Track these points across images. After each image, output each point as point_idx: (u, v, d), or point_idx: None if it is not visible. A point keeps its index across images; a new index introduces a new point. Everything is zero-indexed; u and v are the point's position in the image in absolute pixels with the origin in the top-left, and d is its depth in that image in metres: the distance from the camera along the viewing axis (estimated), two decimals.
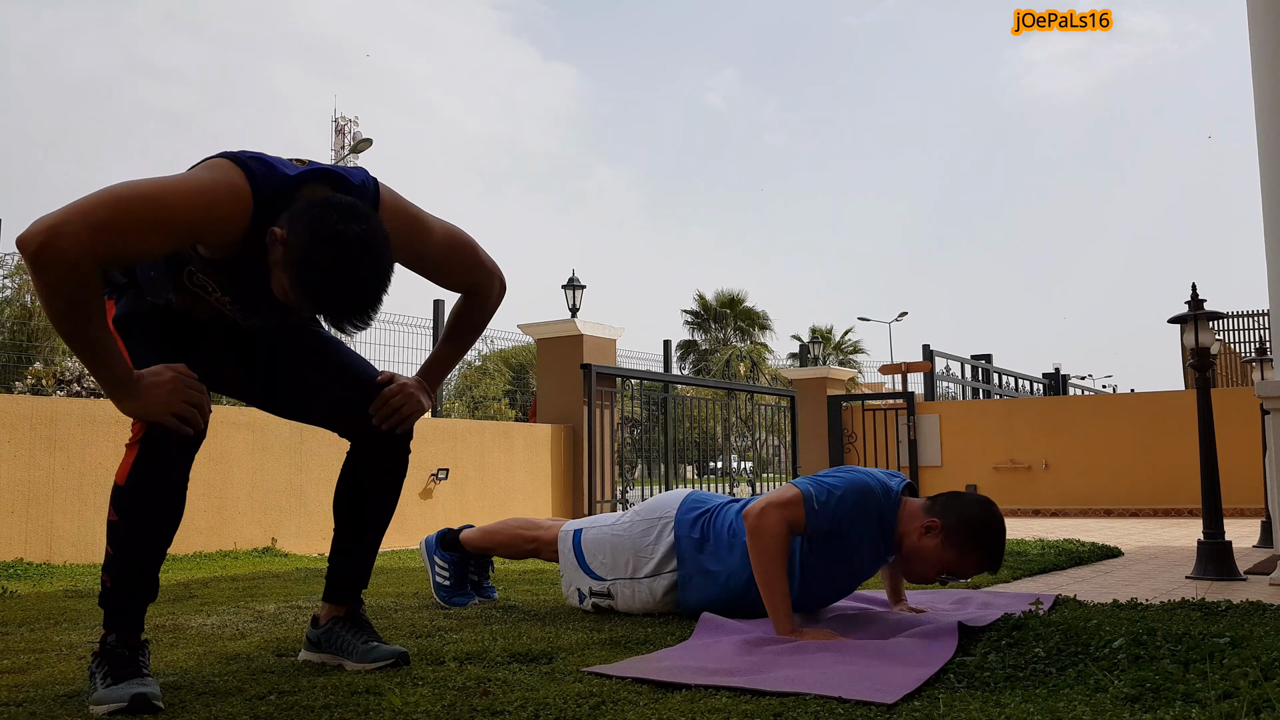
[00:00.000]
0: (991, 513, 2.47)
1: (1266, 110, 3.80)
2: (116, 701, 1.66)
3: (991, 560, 2.45)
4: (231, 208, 1.73)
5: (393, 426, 2.07)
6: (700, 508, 2.72)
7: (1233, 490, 7.32)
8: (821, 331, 30.55)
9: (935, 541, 2.42)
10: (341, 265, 1.68)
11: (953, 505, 2.46)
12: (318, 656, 2.13)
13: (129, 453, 1.81)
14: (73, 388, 8.90)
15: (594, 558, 2.77)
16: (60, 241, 1.57)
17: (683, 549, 2.66)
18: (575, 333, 7.85)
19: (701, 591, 2.65)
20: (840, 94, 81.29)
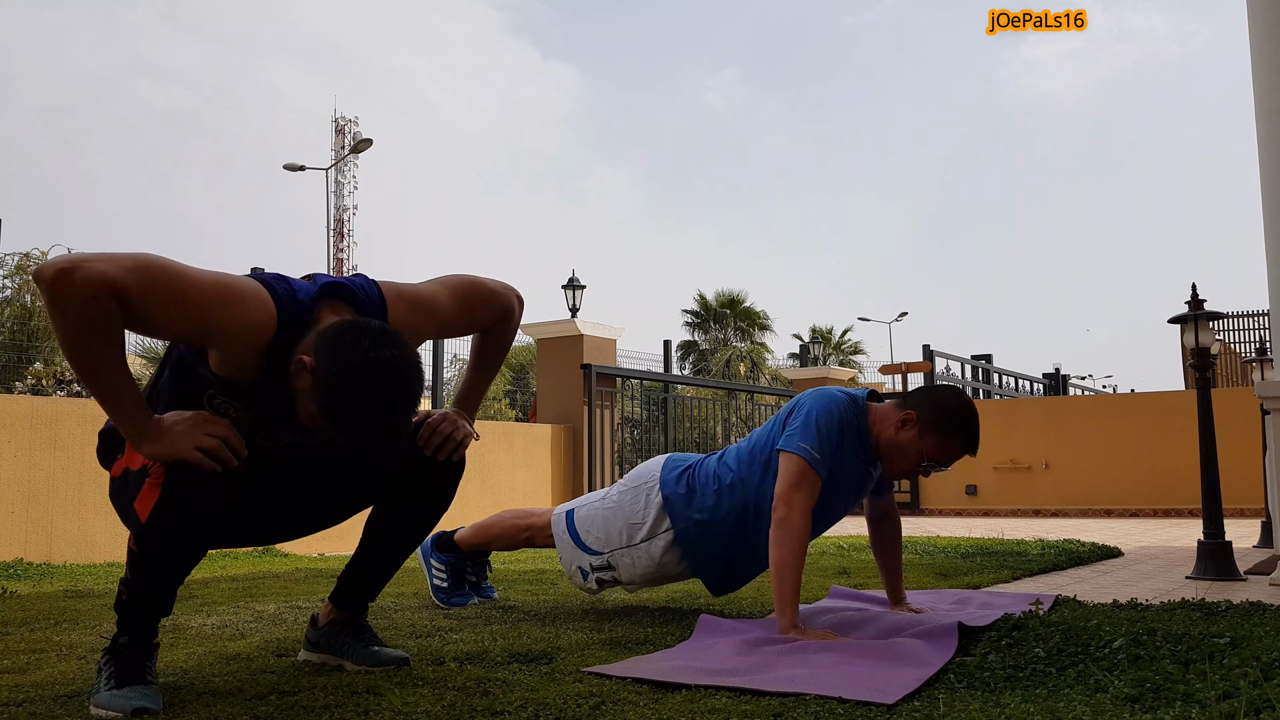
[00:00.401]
0: (962, 397, 2.56)
1: (1266, 110, 3.80)
2: (118, 711, 1.65)
3: (970, 443, 2.52)
4: (256, 315, 1.69)
5: (448, 453, 2.02)
6: (682, 464, 2.77)
7: (1233, 490, 7.32)
8: (821, 331, 30.53)
9: (912, 432, 2.51)
10: (375, 396, 1.66)
11: (924, 396, 2.56)
12: (317, 656, 2.13)
13: (151, 491, 1.74)
14: (73, 388, 8.90)
15: (588, 534, 2.78)
16: (78, 274, 1.54)
17: (673, 506, 2.68)
18: (575, 333, 7.85)
19: (700, 540, 2.66)
20: (840, 94, 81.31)
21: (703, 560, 2.68)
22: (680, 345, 28.13)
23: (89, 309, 1.56)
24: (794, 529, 2.36)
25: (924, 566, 4.10)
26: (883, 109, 79.15)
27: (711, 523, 2.64)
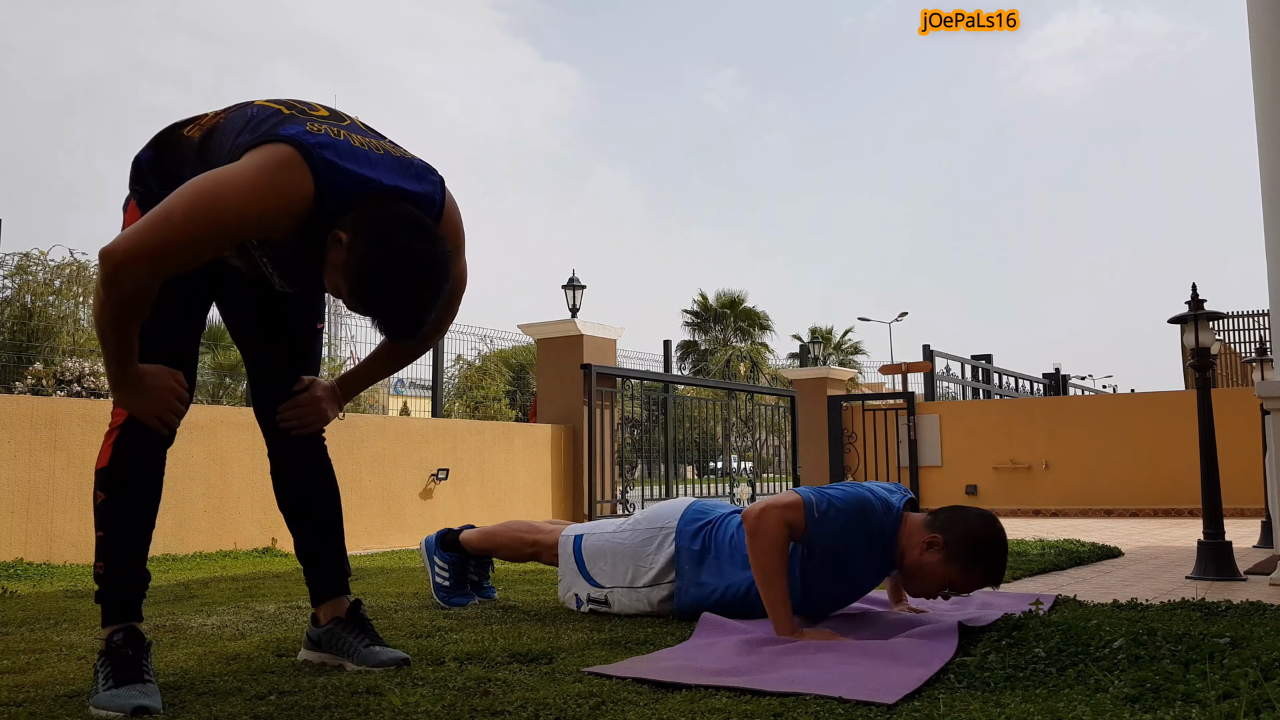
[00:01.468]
0: (993, 527, 2.45)
1: (1266, 110, 3.80)
2: (117, 710, 1.67)
3: (994, 576, 2.44)
4: (285, 210, 1.72)
5: (289, 429, 2.10)
6: (702, 519, 2.71)
7: (1233, 490, 7.32)
8: (821, 331, 30.55)
9: (937, 558, 2.40)
10: (403, 285, 1.71)
11: (954, 521, 2.44)
12: (318, 656, 2.13)
13: (108, 438, 1.92)
14: (73, 388, 8.90)
15: (594, 564, 2.78)
16: (122, 275, 1.65)
17: (682, 561, 2.67)
18: (575, 333, 7.85)
19: (697, 604, 2.65)
20: (840, 94, 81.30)
21: (690, 615, 2.64)
22: (680, 345, 28.14)
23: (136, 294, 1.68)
24: (767, 535, 2.34)
25: None
26: (883, 108, 79.18)
27: (713, 595, 2.62)
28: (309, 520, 2.18)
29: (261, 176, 1.69)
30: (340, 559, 2.20)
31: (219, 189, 1.68)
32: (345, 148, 1.77)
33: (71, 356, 9.73)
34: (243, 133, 1.80)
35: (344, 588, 2.18)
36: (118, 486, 1.93)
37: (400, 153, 1.88)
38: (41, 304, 10.44)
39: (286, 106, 1.86)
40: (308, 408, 2.08)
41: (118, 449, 1.91)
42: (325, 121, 1.82)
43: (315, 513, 2.18)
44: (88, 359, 9.68)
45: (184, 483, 5.33)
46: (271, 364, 2.12)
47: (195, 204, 1.67)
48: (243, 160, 1.72)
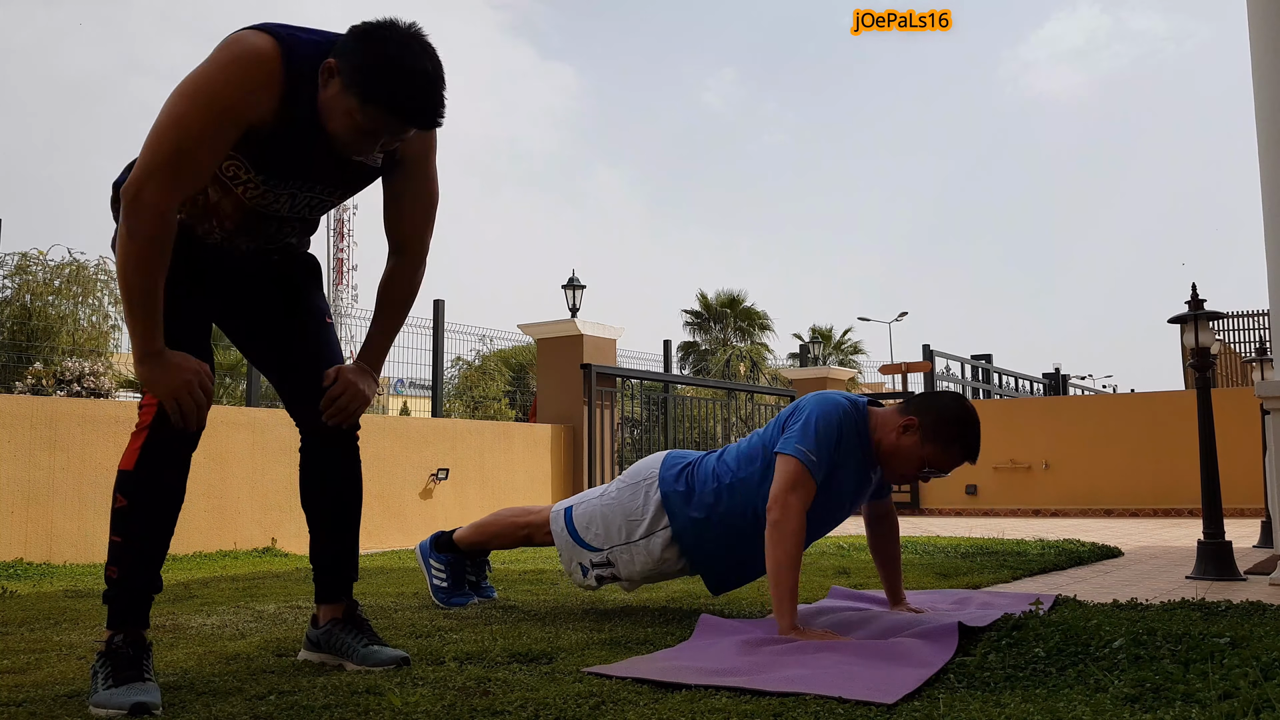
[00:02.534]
0: (965, 405, 2.56)
1: (1266, 110, 3.80)
2: (117, 708, 1.67)
3: (970, 451, 2.53)
4: (258, 75, 1.74)
5: (340, 423, 2.06)
6: (681, 462, 2.77)
7: (1233, 490, 7.32)
8: (821, 331, 30.51)
9: (914, 438, 2.51)
10: (405, 57, 1.73)
11: (927, 402, 2.56)
12: (317, 656, 2.14)
13: (135, 440, 1.89)
14: (73, 388, 8.89)
15: (587, 530, 2.78)
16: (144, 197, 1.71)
17: (671, 504, 2.68)
18: (575, 333, 7.85)
19: (698, 539, 2.67)
20: (840, 94, 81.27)
21: (701, 558, 2.69)
22: (680, 345, 28.13)
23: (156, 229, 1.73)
24: (789, 530, 2.36)
25: (924, 566, 4.10)
26: (883, 108, 79.17)
27: (709, 521, 2.64)
28: (328, 521, 2.16)
29: (226, 54, 1.75)
30: (350, 564, 2.19)
31: (196, 82, 1.74)
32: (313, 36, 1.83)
33: (71, 356, 9.72)
34: None
35: (348, 592, 2.17)
36: (141, 492, 1.88)
37: None
38: (41, 304, 10.44)
39: None
40: (345, 395, 2.05)
41: (145, 453, 1.88)
42: None
43: (336, 515, 2.16)
44: (87, 359, 9.67)
45: None
46: (296, 371, 2.12)
47: (181, 102, 1.72)
48: (206, 58, 1.77)
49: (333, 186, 1.98)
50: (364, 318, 9.07)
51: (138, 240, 1.73)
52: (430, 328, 8.63)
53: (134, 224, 1.72)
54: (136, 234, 1.73)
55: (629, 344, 15.17)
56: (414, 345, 8.79)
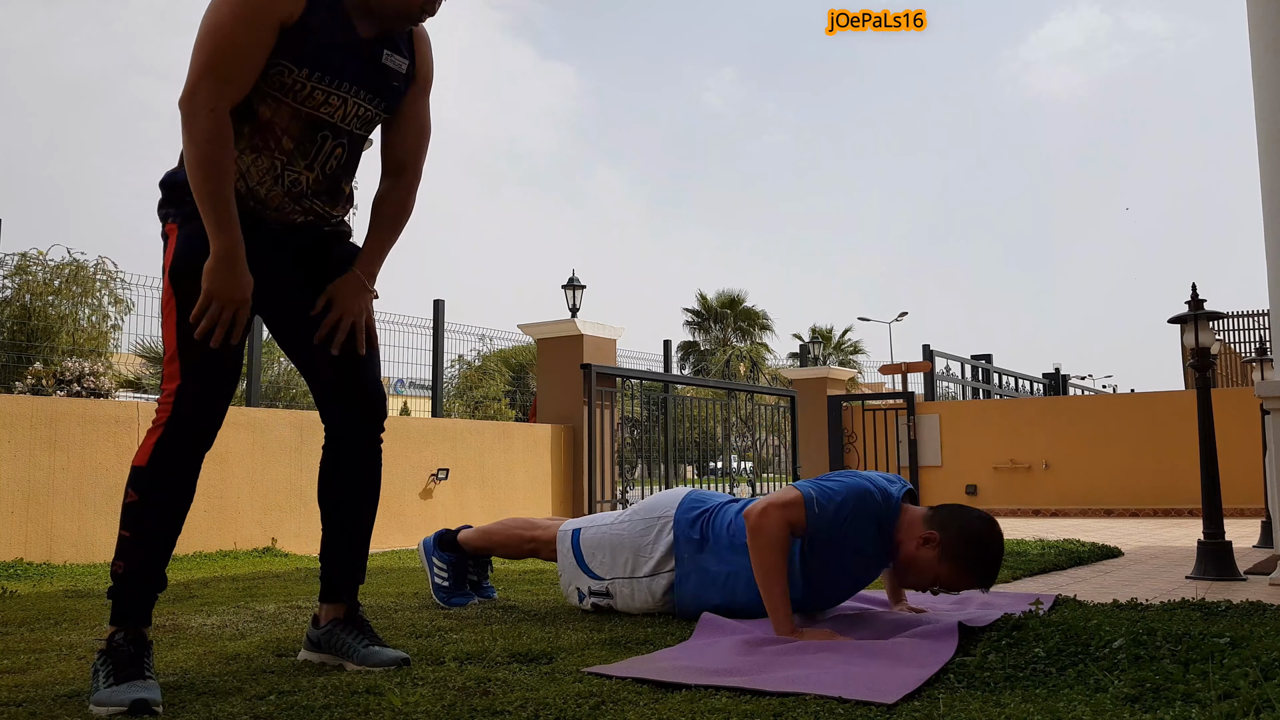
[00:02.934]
0: (992, 531, 2.45)
1: (1266, 110, 3.80)
2: (117, 705, 1.68)
3: (985, 580, 2.46)
4: None
5: (341, 344, 2.06)
6: (700, 507, 2.72)
7: (1233, 490, 7.32)
8: (821, 331, 30.54)
9: (932, 554, 2.42)
10: None
11: (953, 519, 2.45)
12: (317, 656, 2.14)
13: (150, 436, 1.93)
14: (73, 388, 8.90)
15: (593, 557, 2.77)
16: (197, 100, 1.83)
17: (681, 549, 2.66)
18: (575, 333, 7.85)
19: (698, 592, 2.65)
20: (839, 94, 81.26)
21: (695, 607, 2.64)
22: (680, 345, 28.14)
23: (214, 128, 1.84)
24: (768, 535, 2.34)
25: None
26: (882, 108, 79.16)
27: (714, 583, 2.62)
28: (342, 520, 2.17)
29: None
30: (358, 565, 2.19)
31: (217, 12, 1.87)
32: None
33: (71, 356, 9.72)
34: None
35: (352, 594, 2.17)
36: (153, 488, 1.92)
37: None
38: (41, 304, 10.45)
39: None
40: (341, 311, 2.06)
41: (159, 449, 1.92)
42: None
43: (350, 514, 2.17)
44: (87, 359, 9.68)
45: None
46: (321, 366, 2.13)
47: (216, 12, 1.86)
48: None
49: (371, 92, 2.04)
50: None
51: (199, 143, 1.83)
52: (430, 328, 8.63)
53: (194, 128, 1.83)
54: (197, 137, 1.83)
55: (629, 344, 15.17)
56: (414, 345, 8.80)
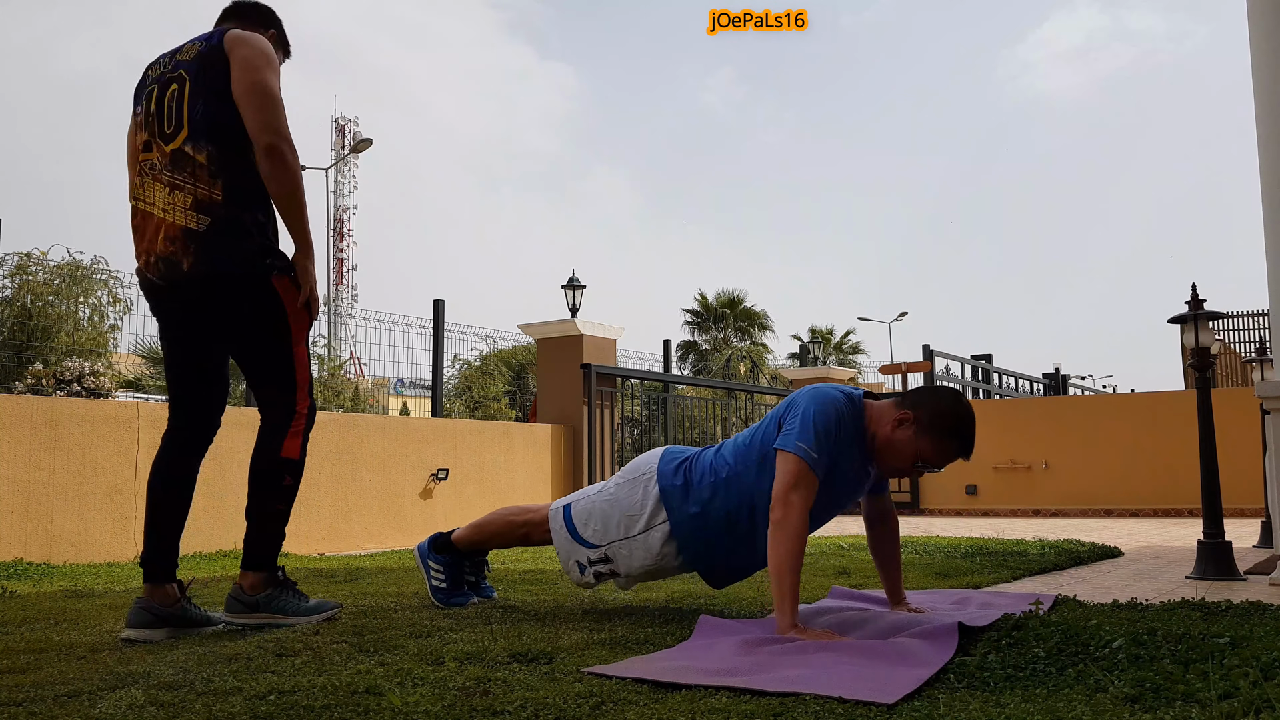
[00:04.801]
0: (961, 401, 2.56)
1: (1266, 109, 3.80)
2: (330, 610, 2.64)
3: (966, 445, 2.53)
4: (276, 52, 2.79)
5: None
6: (680, 457, 2.77)
7: (1233, 490, 7.32)
8: (821, 331, 30.51)
9: (909, 432, 2.51)
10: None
11: (923, 396, 2.56)
12: (250, 618, 2.60)
13: (295, 435, 2.66)
14: (73, 388, 8.90)
15: (585, 526, 2.77)
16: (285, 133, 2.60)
17: (669, 499, 2.68)
18: (575, 333, 7.85)
19: (696, 533, 2.66)
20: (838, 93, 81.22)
21: (699, 553, 2.68)
22: (680, 345, 28.12)
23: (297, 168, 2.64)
24: (791, 529, 2.36)
25: (924, 566, 4.10)
26: (882, 108, 79.14)
27: (707, 516, 2.64)
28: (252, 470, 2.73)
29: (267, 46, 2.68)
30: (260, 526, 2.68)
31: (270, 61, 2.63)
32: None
33: (71, 356, 9.72)
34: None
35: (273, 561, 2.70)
36: (299, 474, 2.68)
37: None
38: (41, 304, 10.44)
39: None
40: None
41: (305, 446, 2.69)
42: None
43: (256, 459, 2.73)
44: (87, 359, 9.68)
45: None
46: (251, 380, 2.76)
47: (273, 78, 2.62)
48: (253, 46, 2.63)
49: None
50: (364, 317, 9.06)
51: (298, 164, 2.59)
52: (430, 328, 8.62)
53: (295, 157, 2.59)
54: (297, 161, 2.59)
55: (629, 344, 15.16)
56: (414, 345, 8.79)
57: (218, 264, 2.50)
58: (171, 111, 2.58)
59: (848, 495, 2.66)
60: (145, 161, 2.61)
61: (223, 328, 2.61)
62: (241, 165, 2.56)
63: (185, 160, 2.54)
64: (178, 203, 2.53)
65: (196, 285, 2.53)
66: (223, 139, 2.54)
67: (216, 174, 2.53)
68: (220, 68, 2.56)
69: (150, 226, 2.58)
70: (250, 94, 2.52)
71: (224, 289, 2.53)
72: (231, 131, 2.55)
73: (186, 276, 2.52)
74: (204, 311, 2.58)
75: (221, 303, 2.56)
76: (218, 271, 2.51)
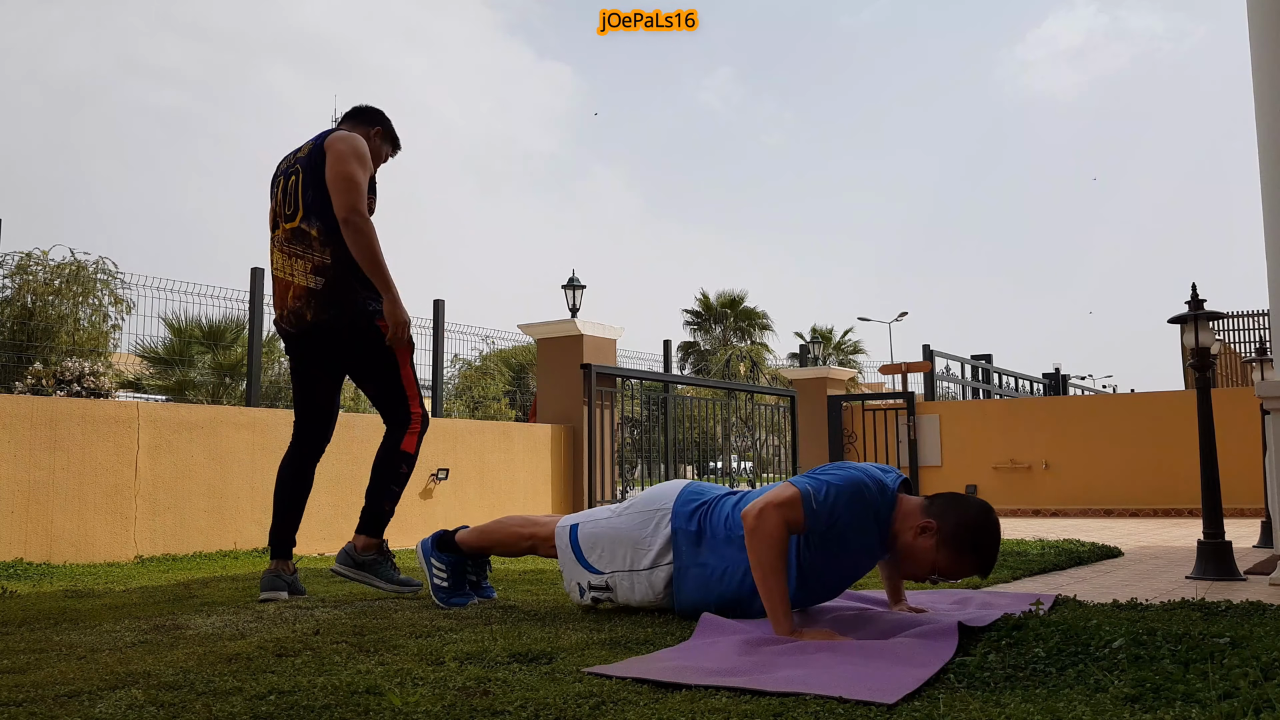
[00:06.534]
0: (989, 518, 2.46)
1: (1266, 110, 3.80)
2: (413, 586, 3.26)
3: (984, 566, 2.46)
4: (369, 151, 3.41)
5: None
6: (697, 500, 2.71)
7: (1233, 490, 7.33)
8: (821, 331, 30.52)
9: (930, 542, 2.43)
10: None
11: (950, 507, 2.46)
12: (352, 572, 3.26)
13: (414, 435, 3.31)
14: (73, 388, 8.90)
15: (591, 551, 2.76)
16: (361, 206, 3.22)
17: (679, 542, 2.66)
18: (575, 333, 7.85)
19: (697, 586, 2.64)
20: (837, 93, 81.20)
21: (697, 603, 2.63)
22: (680, 345, 28.12)
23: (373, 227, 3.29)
24: (767, 536, 2.34)
25: None
26: (881, 108, 79.08)
27: (712, 577, 2.61)
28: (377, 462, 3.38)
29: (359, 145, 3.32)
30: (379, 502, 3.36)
31: (360, 154, 3.27)
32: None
33: (71, 356, 9.72)
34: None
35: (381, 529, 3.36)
36: (413, 467, 3.32)
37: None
38: (41, 304, 10.44)
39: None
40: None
41: (420, 443, 3.33)
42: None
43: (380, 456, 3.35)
44: (87, 359, 9.68)
45: (184, 482, 5.33)
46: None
47: (358, 154, 3.26)
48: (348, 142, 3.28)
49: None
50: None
51: (372, 233, 3.20)
52: (430, 328, 8.63)
53: (370, 227, 3.20)
54: (371, 230, 3.20)
55: (629, 344, 15.16)
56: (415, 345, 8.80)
57: (331, 315, 3.19)
58: (291, 197, 3.28)
59: (851, 573, 2.61)
60: (276, 238, 3.31)
61: (340, 363, 3.32)
62: (341, 236, 3.21)
63: (302, 235, 3.23)
64: (299, 268, 3.23)
65: (318, 332, 3.23)
66: (327, 217, 3.20)
67: (325, 244, 3.20)
68: (320, 164, 3.24)
69: (280, 288, 3.30)
70: (335, 180, 3.19)
71: (337, 333, 3.22)
72: (332, 210, 3.20)
73: (311, 325, 3.22)
74: (323, 352, 3.28)
75: (337, 344, 3.25)
76: (331, 320, 3.19)
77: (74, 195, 65.15)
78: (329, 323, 3.20)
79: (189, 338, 11.52)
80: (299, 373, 3.38)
